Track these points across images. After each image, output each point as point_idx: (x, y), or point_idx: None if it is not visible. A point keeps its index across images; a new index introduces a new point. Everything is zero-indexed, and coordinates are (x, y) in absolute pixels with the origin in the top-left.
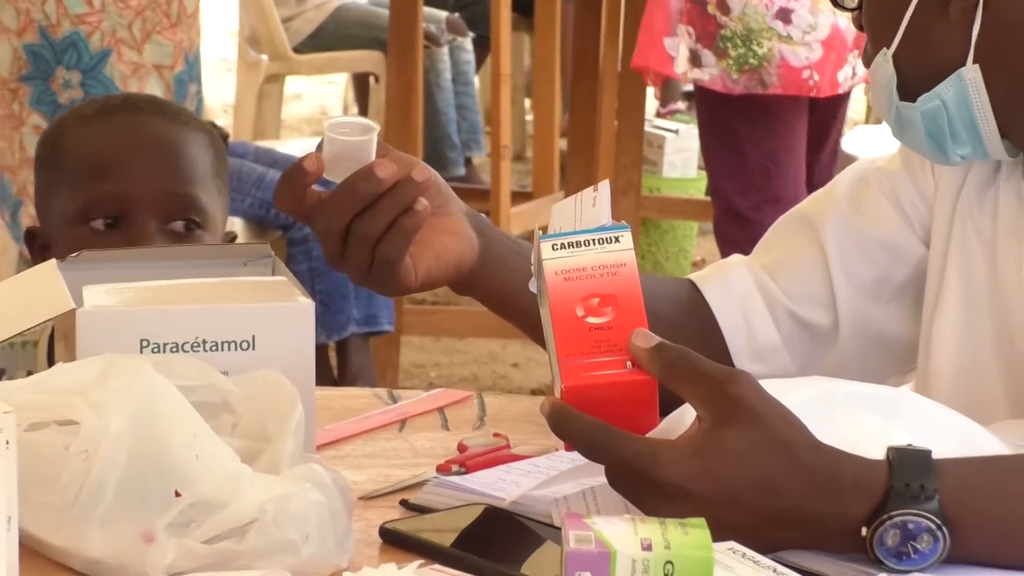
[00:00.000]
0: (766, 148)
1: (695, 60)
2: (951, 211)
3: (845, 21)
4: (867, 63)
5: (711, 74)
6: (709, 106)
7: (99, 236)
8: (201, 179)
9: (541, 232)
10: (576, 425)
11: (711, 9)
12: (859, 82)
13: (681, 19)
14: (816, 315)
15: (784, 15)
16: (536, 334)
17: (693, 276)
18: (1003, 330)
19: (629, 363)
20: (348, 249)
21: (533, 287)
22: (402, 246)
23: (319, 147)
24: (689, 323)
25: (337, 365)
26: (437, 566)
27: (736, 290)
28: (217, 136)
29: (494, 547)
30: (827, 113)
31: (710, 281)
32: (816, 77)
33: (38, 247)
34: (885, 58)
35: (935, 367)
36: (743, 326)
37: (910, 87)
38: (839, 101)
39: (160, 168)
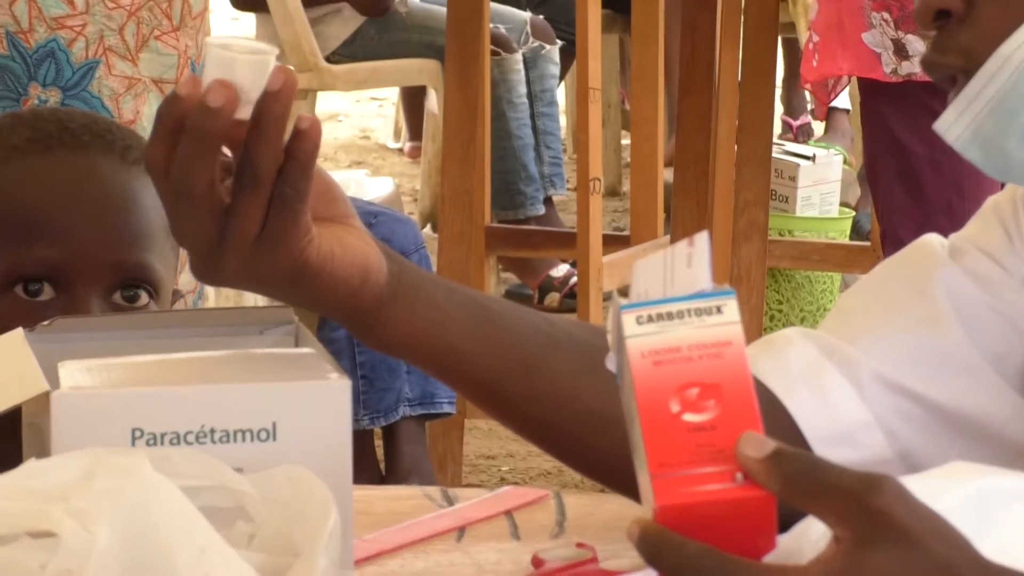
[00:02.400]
0: (950, 177)
1: (900, 52)
2: None
3: None
4: (936, 28)
5: None
6: (879, 120)
7: (25, 307)
8: (155, 240)
9: (622, 299)
10: (678, 554)
11: None
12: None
13: (874, 7)
14: (943, 386)
15: None
16: (480, 395)
17: None
18: None
19: (740, 475)
20: (232, 212)
21: (611, 364)
22: (301, 179)
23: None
24: None
25: (385, 457)
26: None
27: (797, 365)
28: None
29: None
30: None
31: (762, 362)
32: None
33: None
34: None
35: None
36: (819, 405)
37: None
38: None
39: (109, 229)
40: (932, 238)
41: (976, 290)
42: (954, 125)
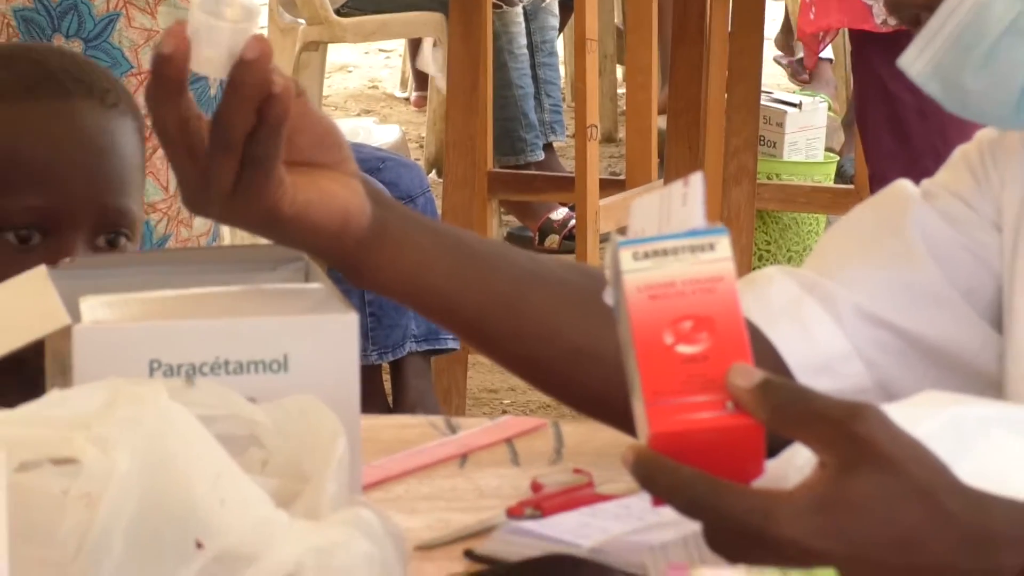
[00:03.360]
0: (935, 123)
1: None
2: (1019, 217)
3: None
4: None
5: None
6: (869, 69)
7: (16, 252)
8: (132, 183)
9: (619, 236)
10: (671, 478)
11: None
12: None
13: None
14: (897, 312)
15: None
16: (467, 334)
17: None
18: None
19: (730, 403)
20: (209, 165)
21: (609, 298)
22: (270, 141)
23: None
24: None
25: (392, 390)
26: None
27: (778, 300)
28: (140, 115)
29: None
30: None
31: (740, 293)
32: None
33: None
34: None
35: (1011, 397)
36: (801, 337)
37: None
38: None
39: (93, 177)
40: (905, 183)
41: (947, 229)
42: (916, 60)
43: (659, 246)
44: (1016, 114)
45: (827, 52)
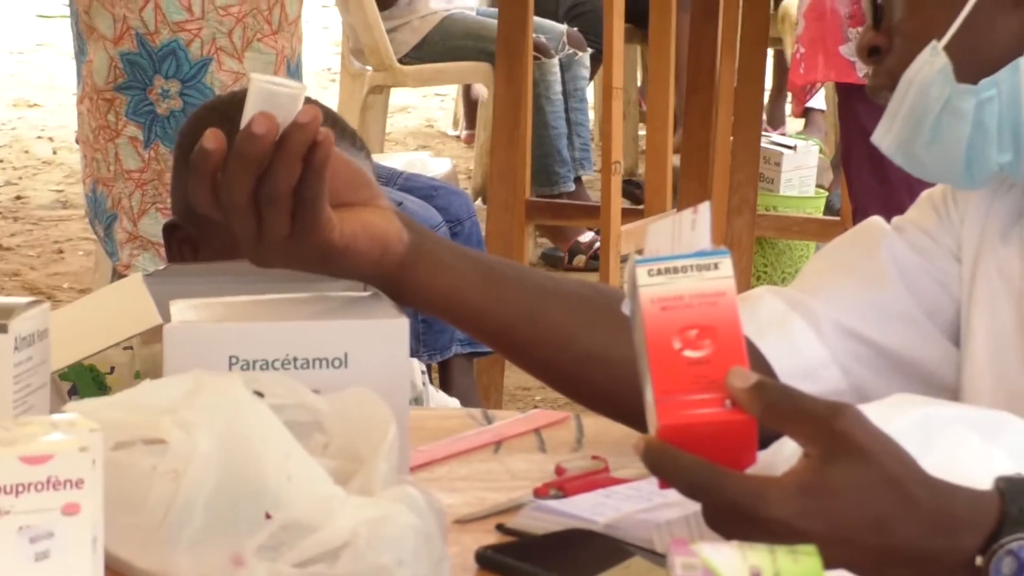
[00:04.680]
0: None
1: None
2: (976, 251)
3: None
4: (871, 62)
5: None
6: (853, 116)
7: None
8: None
9: (638, 256)
10: (676, 464)
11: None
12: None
13: (851, 23)
14: (870, 327)
15: None
16: (494, 342)
17: None
18: None
19: (728, 401)
20: (263, 219)
21: (626, 309)
22: (317, 183)
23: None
24: None
25: (440, 387)
26: None
27: (765, 314)
28: (367, 150)
29: (593, 574)
30: None
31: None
32: None
33: (177, 241)
34: (935, 51)
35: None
36: (786, 347)
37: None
38: None
39: None
40: (878, 219)
41: (915, 257)
42: (884, 137)
43: (671, 264)
44: (967, 179)
45: (820, 103)
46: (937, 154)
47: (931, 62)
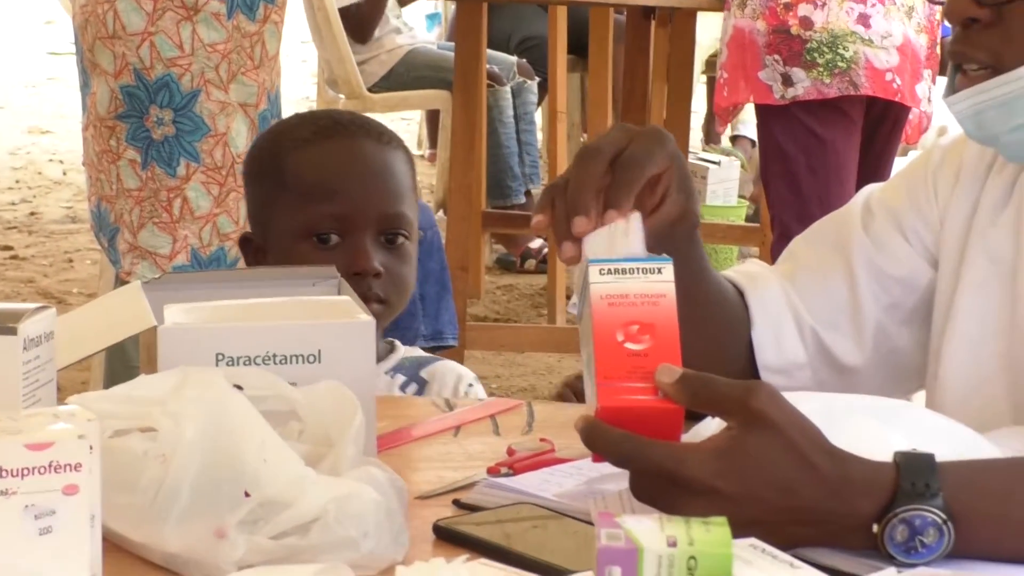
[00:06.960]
0: (821, 177)
1: (787, 81)
2: (964, 232)
3: (914, 33)
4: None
5: (804, 87)
6: (770, 135)
7: (320, 250)
8: (406, 195)
9: (591, 255)
10: (607, 438)
11: (795, 30)
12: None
13: (768, 51)
14: (841, 345)
15: (864, 20)
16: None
17: (739, 280)
18: (1017, 346)
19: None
20: None
21: (572, 308)
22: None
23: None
24: (731, 326)
25: None
26: (483, 560)
27: (771, 307)
28: (408, 151)
29: (537, 542)
30: (887, 140)
31: (752, 296)
32: (899, 81)
33: (252, 251)
34: None
35: (944, 379)
36: (773, 343)
37: None
38: (900, 124)
39: (376, 191)
40: (859, 198)
41: (880, 256)
42: (961, 103)
43: (620, 266)
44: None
45: (751, 132)
46: (1016, 139)
47: None
